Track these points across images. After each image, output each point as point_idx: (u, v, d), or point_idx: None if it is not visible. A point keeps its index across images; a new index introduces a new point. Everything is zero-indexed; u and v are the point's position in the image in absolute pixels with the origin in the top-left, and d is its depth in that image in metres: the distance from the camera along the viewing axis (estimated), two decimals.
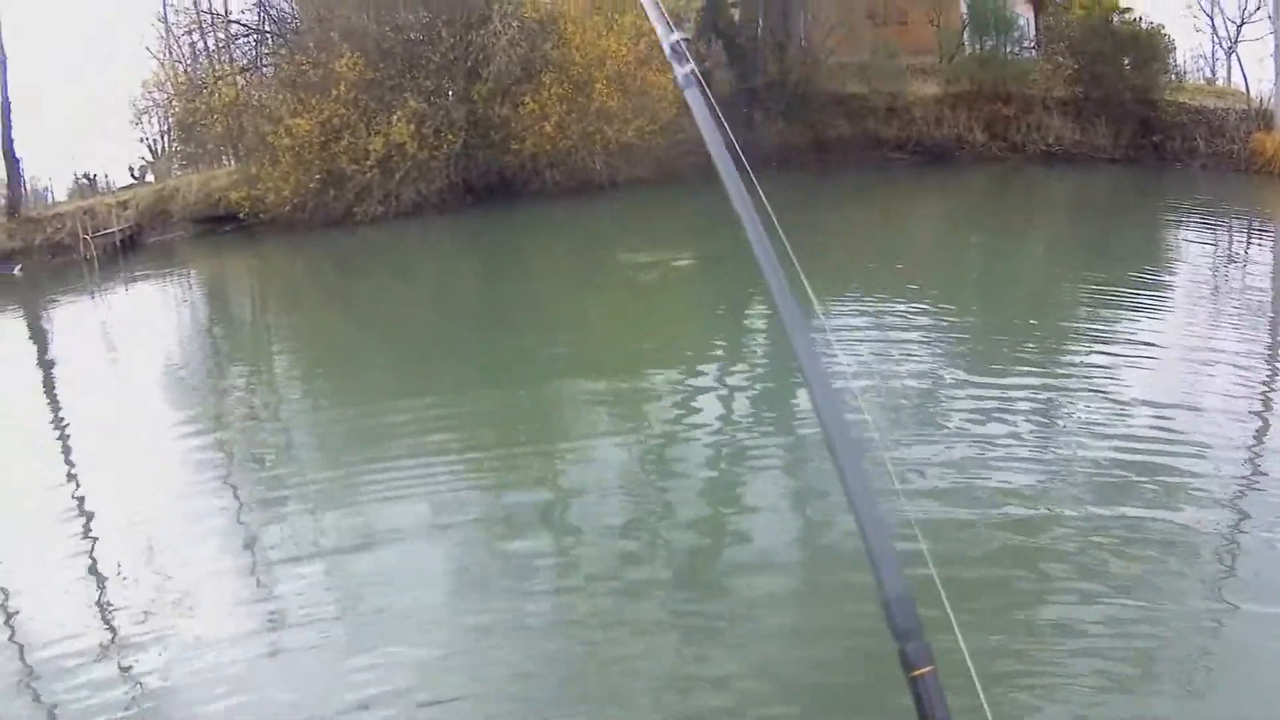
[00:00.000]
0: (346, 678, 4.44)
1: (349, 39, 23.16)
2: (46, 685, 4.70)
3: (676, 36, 1.59)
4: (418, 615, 5.00)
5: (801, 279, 1.53)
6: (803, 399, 7.80)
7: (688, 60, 1.56)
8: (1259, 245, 20.29)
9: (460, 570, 5.61)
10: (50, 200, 31.62)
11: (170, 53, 28.30)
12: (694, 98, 1.54)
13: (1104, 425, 7.07)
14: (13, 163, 27.75)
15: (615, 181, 21.06)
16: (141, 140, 31.08)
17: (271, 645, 4.87)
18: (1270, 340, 10.68)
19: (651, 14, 1.72)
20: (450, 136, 21.70)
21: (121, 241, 25.41)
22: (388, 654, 4.61)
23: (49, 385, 13.05)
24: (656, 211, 20.44)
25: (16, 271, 24.84)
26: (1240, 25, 25.26)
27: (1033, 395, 8.11)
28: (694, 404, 8.37)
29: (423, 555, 5.79)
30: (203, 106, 25.05)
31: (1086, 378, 8.50)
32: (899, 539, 1.35)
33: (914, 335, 10.21)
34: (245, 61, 26.43)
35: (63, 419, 10.68)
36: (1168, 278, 14.32)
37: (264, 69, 26.33)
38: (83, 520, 6.99)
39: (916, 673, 1.21)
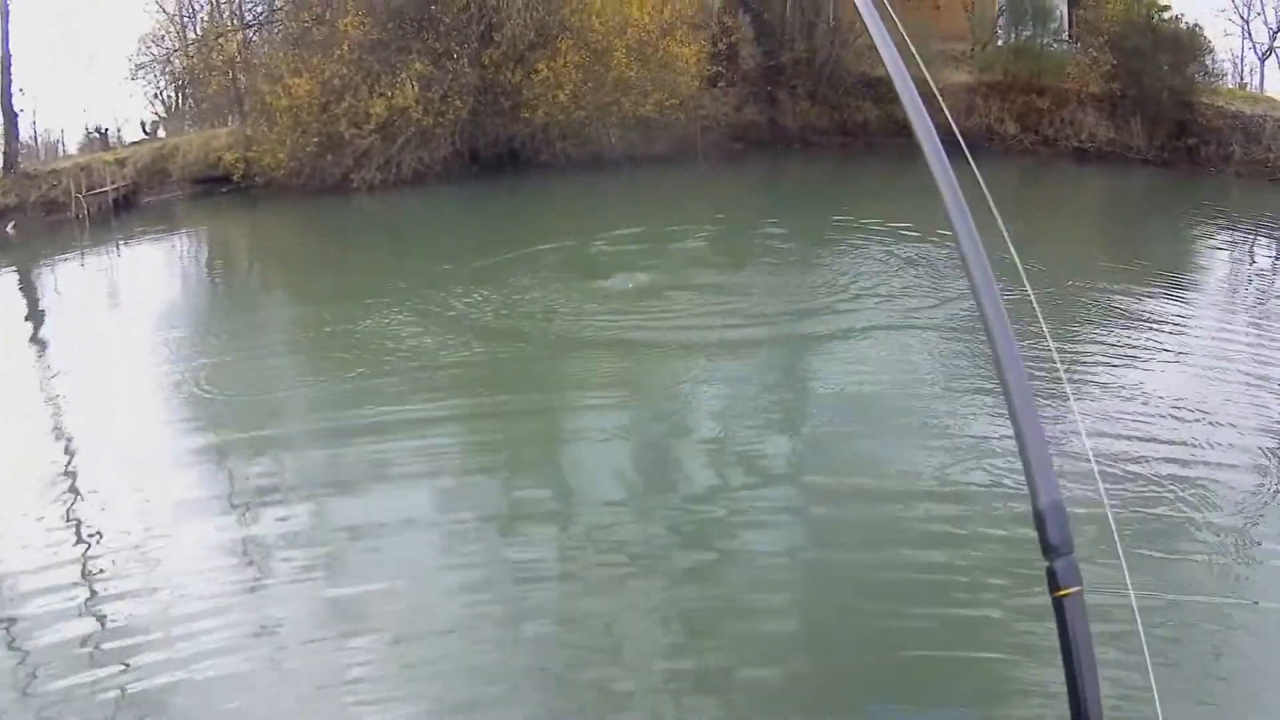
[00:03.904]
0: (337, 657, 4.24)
1: None
2: (27, 638, 4.46)
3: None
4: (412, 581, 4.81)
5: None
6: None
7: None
8: None
9: (459, 535, 5.43)
10: (62, 153, 29.46)
11: (179, 6, 26.04)
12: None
13: (1118, 427, 6.78)
14: (11, 117, 25.49)
15: (632, 157, 18.82)
16: (155, 95, 28.68)
17: (258, 620, 4.57)
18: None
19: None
20: (458, 102, 19.37)
21: (115, 201, 23.14)
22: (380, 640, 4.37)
23: (35, 348, 11.77)
24: (671, 190, 18.31)
25: (9, 230, 22.76)
26: (1278, 31, 22.97)
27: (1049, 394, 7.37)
28: (704, 382, 7.97)
29: (420, 522, 5.60)
30: (201, 63, 22.82)
31: (1107, 376, 8.15)
32: None
33: (919, 338, 9.12)
34: (251, 18, 24.13)
35: (49, 383, 9.70)
36: (1195, 286, 13.73)
37: (272, 26, 24.04)
38: (70, 482, 6.54)
39: (1061, 593, 1.09)
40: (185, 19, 25.04)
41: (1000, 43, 21.39)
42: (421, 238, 17.04)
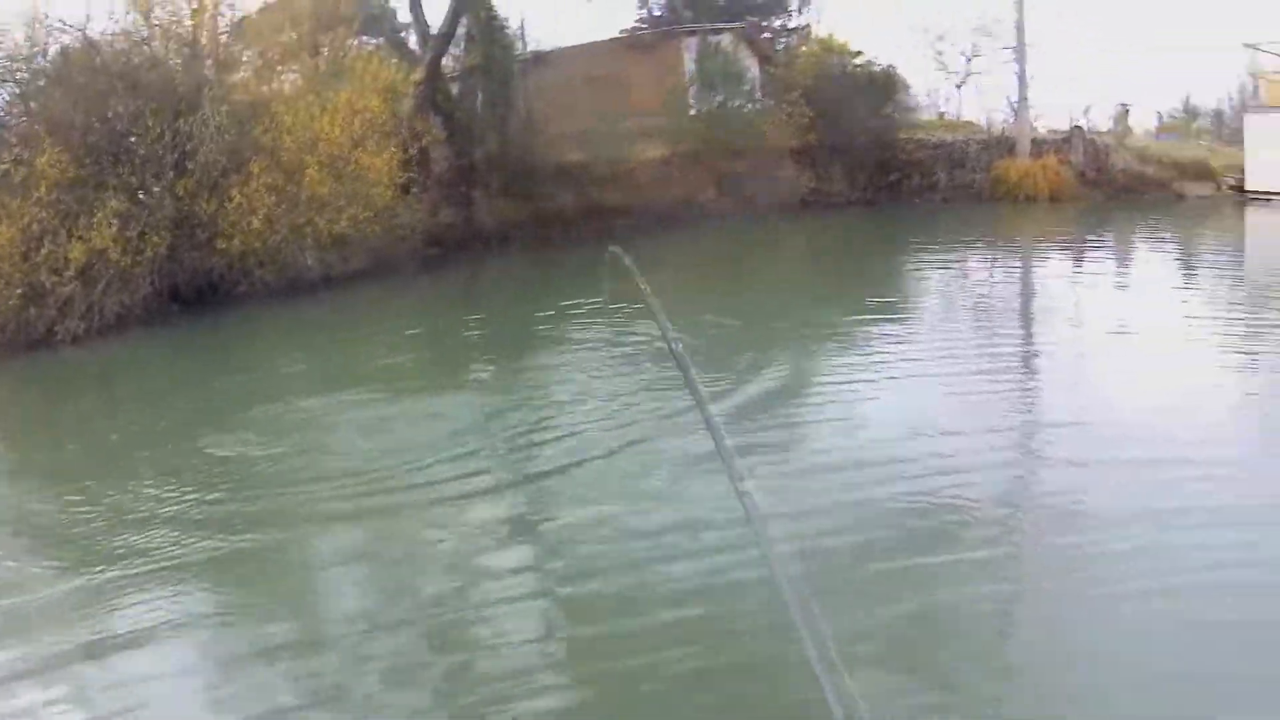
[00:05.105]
0: None
1: (54, 132, 20.31)
2: None
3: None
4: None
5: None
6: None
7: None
8: (999, 266, 20.32)
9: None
10: None
11: None
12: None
13: (841, 449, 7.79)
14: None
15: (329, 276, 18.86)
16: None
17: None
18: (1008, 360, 11.42)
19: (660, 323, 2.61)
20: (155, 238, 19.05)
21: None
22: None
23: None
24: (368, 307, 18.43)
25: None
26: (970, 59, 24.42)
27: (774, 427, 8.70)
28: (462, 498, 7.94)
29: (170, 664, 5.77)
30: None
31: (834, 404, 9.16)
32: None
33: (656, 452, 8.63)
34: None
35: None
36: (901, 308, 14.88)
37: None
38: None
39: None
40: None
41: (693, 112, 22.12)
42: (125, 391, 16.66)
